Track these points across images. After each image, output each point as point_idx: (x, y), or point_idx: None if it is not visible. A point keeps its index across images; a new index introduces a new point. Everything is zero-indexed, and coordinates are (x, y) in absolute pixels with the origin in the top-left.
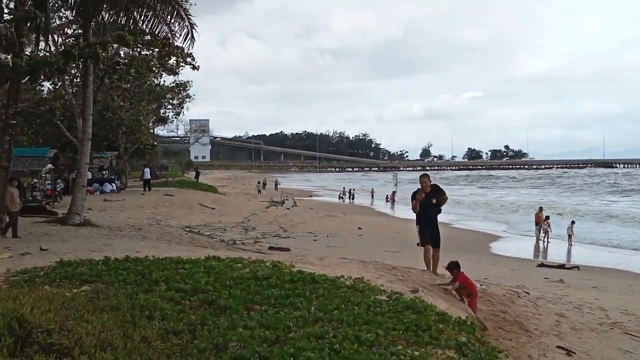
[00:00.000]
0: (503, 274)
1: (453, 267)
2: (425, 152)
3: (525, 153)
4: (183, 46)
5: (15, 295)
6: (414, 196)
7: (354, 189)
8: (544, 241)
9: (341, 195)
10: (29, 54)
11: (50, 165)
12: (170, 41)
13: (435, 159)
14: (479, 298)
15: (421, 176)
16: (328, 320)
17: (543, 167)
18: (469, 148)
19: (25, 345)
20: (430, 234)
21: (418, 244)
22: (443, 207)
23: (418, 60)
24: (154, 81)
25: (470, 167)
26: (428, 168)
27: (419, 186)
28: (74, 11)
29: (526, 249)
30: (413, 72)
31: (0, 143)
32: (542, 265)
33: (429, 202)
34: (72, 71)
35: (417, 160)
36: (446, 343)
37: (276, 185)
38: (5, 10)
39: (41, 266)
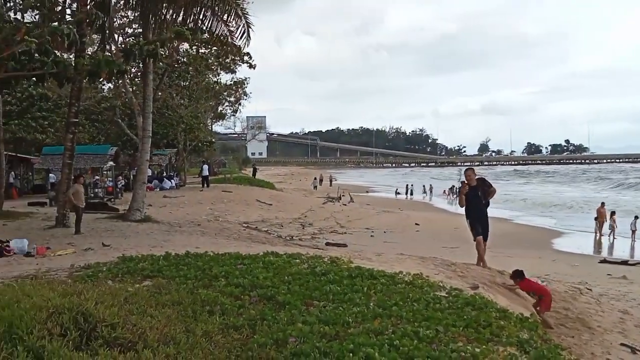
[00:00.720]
0: (564, 270)
1: (516, 276)
2: (484, 147)
3: (586, 147)
4: (240, 44)
5: (80, 290)
6: (459, 190)
7: (412, 185)
8: (609, 237)
9: (397, 191)
10: (90, 54)
11: (111, 163)
12: (228, 40)
13: (493, 154)
14: None
15: (466, 170)
16: (387, 316)
17: (605, 161)
18: (528, 143)
19: (90, 339)
20: (482, 227)
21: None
22: (499, 202)
23: (475, 55)
24: (212, 79)
25: (530, 162)
26: (486, 163)
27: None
28: (134, 11)
29: (587, 245)
30: (470, 66)
31: (63, 141)
32: (604, 261)
33: (475, 195)
34: (132, 70)
35: (474, 155)
36: (507, 340)
37: (331, 181)
38: (68, 12)
39: (104, 261)
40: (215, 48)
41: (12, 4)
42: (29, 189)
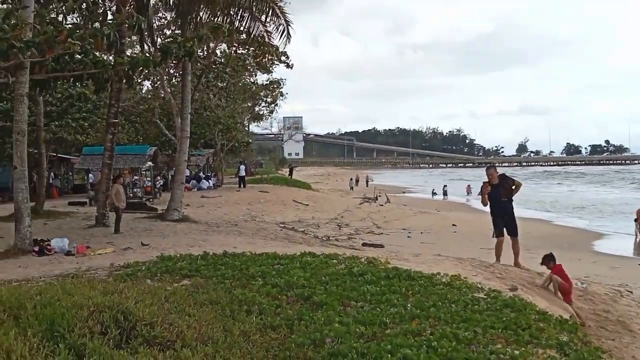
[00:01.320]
0: (604, 272)
1: (549, 259)
2: (522, 148)
3: (626, 148)
4: (279, 44)
5: (120, 288)
6: (482, 189)
7: (446, 186)
8: None
9: (434, 191)
10: (129, 54)
11: (150, 163)
12: (266, 40)
13: (531, 154)
14: (580, 297)
15: (487, 168)
16: (425, 318)
17: None
18: (567, 143)
19: (130, 338)
20: (504, 223)
21: (493, 236)
22: (532, 203)
23: (512, 54)
24: (249, 79)
25: (569, 162)
26: (525, 164)
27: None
28: (172, 12)
29: (627, 247)
30: (507, 66)
31: (103, 141)
32: None
33: (497, 192)
34: (171, 71)
35: (512, 156)
36: (547, 342)
37: (367, 181)
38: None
39: (143, 261)
40: (252, 48)
41: (54, 6)
42: (69, 189)
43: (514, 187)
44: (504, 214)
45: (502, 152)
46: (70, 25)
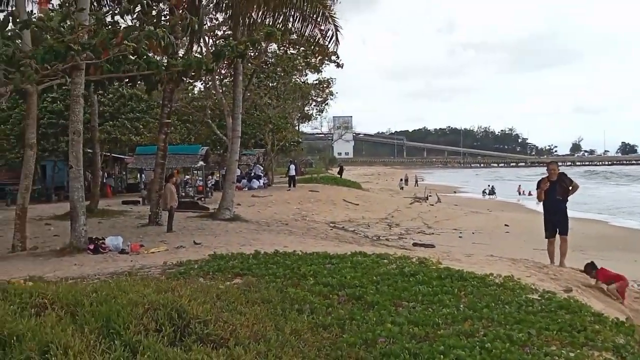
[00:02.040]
0: None
1: (590, 267)
2: (576, 147)
3: None
4: (328, 46)
5: (174, 286)
6: (539, 185)
7: (492, 185)
8: None
9: (485, 191)
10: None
11: (201, 162)
12: (319, 40)
13: (585, 153)
14: (637, 299)
15: (549, 163)
16: (478, 319)
17: None
18: (622, 142)
19: (183, 335)
20: (555, 222)
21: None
22: (582, 204)
23: (565, 52)
24: (299, 79)
25: (624, 161)
26: (578, 163)
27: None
28: (224, 13)
29: None
30: (560, 64)
31: (156, 141)
32: None
33: (554, 189)
34: (222, 71)
35: (566, 155)
36: (603, 345)
37: (416, 181)
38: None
39: (195, 259)
40: (302, 48)
41: (109, 8)
42: (123, 188)
43: (570, 188)
44: (557, 212)
45: (556, 151)
46: (124, 27)
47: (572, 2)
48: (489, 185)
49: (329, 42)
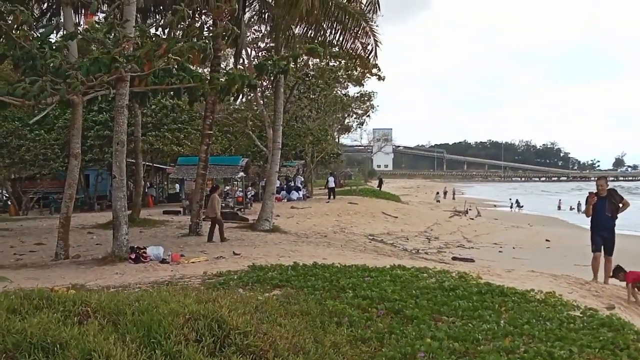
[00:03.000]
0: None
1: (617, 271)
2: (619, 162)
3: None
4: (370, 59)
5: (214, 297)
6: (587, 200)
7: (517, 199)
8: None
9: (513, 205)
10: (224, 67)
11: (242, 174)
12: (360, 53)
13: (629, 169)
14: None
15: (598, 178)
16: (518, 335)
17: None
18: None
19: (223, 346)
20: (602, 240)
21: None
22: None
23: (608, 65)
24: (340, 91)
25: None
26: (621, 178)
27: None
28: (267, 25)
29: None
30: (605, 77)
31: (198, 152)
32: None
33: (603, 205)
34: (264, 83)
35: (609, 170)
36: None
37: (454, 194)
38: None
39: (234, 270)
40: (343, 61)
41: (153, 20)
42: (164, 198)
43: (621, 205)
44: (604, 229)
45: (598, 166)
46: (169, 39)
47: (618, 15)
48: (517, 199)
49: (369, 56)
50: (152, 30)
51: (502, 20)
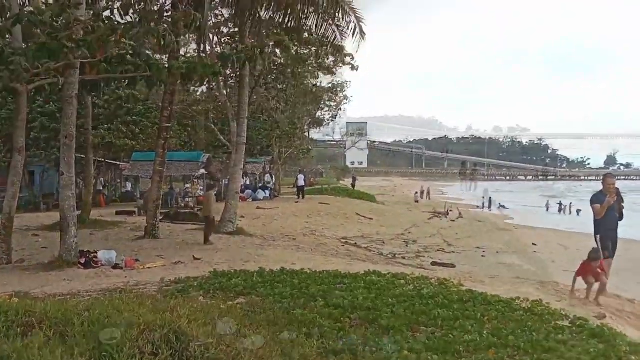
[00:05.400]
0: None
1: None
2: (611, 160)
3: None
4: (352, 43)
5: (172, 306)
6: (596, 199)
7: (490, 197)
8: None
9: (485, 204)
10: (183, 54)
11: (202, 171)
12: (337, 38)
13: (622, 167)
14: None
15: (607, 176)
16: (503, 347)
17: None
18: None
19: (182, 359)
20: (612, 244)
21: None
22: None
23: (597, 62)
24: (311, 82)
25: None
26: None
27: (602, 188)
28: (231, 9)
29: None
30: (591, 74)
31: (154, 147)
32: None
33: (613, 206)
34: (227, 72)
35: (600, 168)
36: None
37: (428, 193)
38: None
39: (195, 276)
40: (314, 48)
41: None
42: (117, 197)
43: (623, 204)
44: (614, 229)
45: (589, 164)
46: (124, 23)
47: (609, 12)
48: (490, 197)
49: (353, 37)
50: (107, 13)
51: (488, 15)
